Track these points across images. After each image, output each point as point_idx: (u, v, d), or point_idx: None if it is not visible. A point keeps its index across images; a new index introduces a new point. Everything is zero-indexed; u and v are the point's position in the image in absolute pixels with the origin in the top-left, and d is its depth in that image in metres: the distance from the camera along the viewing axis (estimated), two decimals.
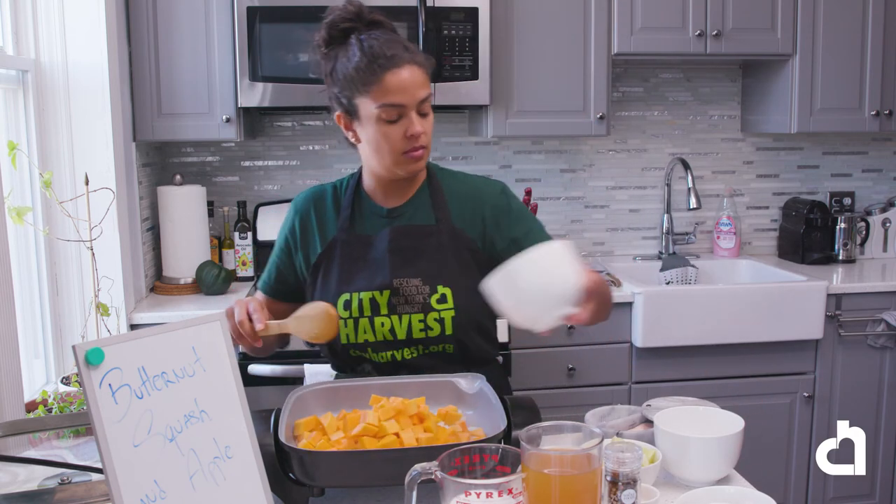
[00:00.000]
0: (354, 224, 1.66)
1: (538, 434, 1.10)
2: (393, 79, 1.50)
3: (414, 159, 1.56)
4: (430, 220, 1.64)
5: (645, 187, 3.39)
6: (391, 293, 1.58)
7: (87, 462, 1.32)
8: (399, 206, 1.65)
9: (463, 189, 1.67)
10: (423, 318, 1.58)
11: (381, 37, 1.53)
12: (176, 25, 2.72)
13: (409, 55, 1.52)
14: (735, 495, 1.17)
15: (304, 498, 1.28)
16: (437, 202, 1.65)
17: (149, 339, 1.01)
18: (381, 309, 1.59)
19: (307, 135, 3.21)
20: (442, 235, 1.62)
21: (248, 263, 3.05)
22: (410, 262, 1.60)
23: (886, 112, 3.07)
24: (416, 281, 1.59)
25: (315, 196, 1.71)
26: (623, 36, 2.91)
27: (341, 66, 1.54)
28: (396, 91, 1.50)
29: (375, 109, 1.52)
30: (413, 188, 1.66)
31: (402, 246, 1.61)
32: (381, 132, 1.53)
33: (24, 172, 2.31)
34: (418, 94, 1.52)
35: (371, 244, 1.63)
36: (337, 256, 1.64)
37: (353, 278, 1.61)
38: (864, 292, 2.89)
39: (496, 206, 1.65)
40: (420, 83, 1.52)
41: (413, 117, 1.52)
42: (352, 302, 1.59)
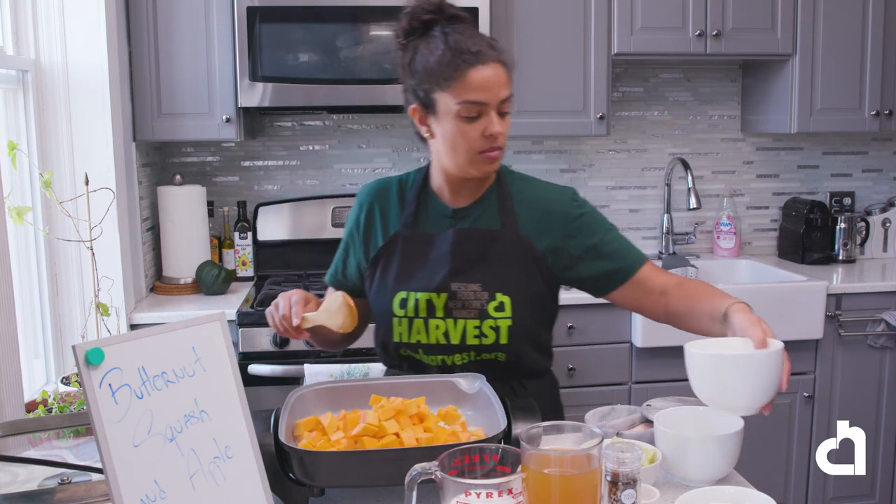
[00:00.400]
0: (418, 221, 1.62)
1: (538, 434, 1.10)
2: (476, 76, 1.46)
3: (489, 160, 1.52)
4: (496, 224, 1.60)
5: (645, 187, 3.39)
6: (448, 296, 1.56)
7: (87, 462, 1.32)
8: (465, 207, 1.61)
9: (532, 195, 1.63)
10: (478, 324, 1.55)
11: (465, 31, 1.49)
12: (176, 25, 2.72)
13: (494, 53, 1.48)
14: (735, 495, 1.17)
15: (304, 498, 1.28)
16: (504, 206, 1.60)
17: (149, 339, 1.01)
18: (437, 311, 1.56)
19: (307, 135, 3.21)
20: (506, 242, 1.58)
21: (248, 263, 3.05)
22: (471, 266, 1.56)
23: (886, 112, 3.07)
24: (474, 286, 1.55)
25: (380, 189, 1.67)
26: (623, 36, 2.91)
27: (422, 58, 1.50)
28: (479, 88, 1.46)
29: (455, 106, 1.47)
30: (481, 189, 1.62)
31: (465, 249, 1.57)
32: (458, 129, 1.49)
33: (24, 172, 2.31)
34: (500, 94, 1.48)
35: (433, 243, 1.59)
36: (397, 252, 1.61)
37: (412, 277, 1.58)
38: (864, 292, 2.89)
39: (567, 213, 1.60)
40: (502, 82, 1.49)
41: (493, 116, 1.48)
42: (408, 301, 1.57)
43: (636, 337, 2.75)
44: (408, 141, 3.24)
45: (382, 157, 3.25)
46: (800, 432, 2.90)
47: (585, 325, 2.75)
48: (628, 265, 1.59)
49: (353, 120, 3.21)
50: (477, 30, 1.55)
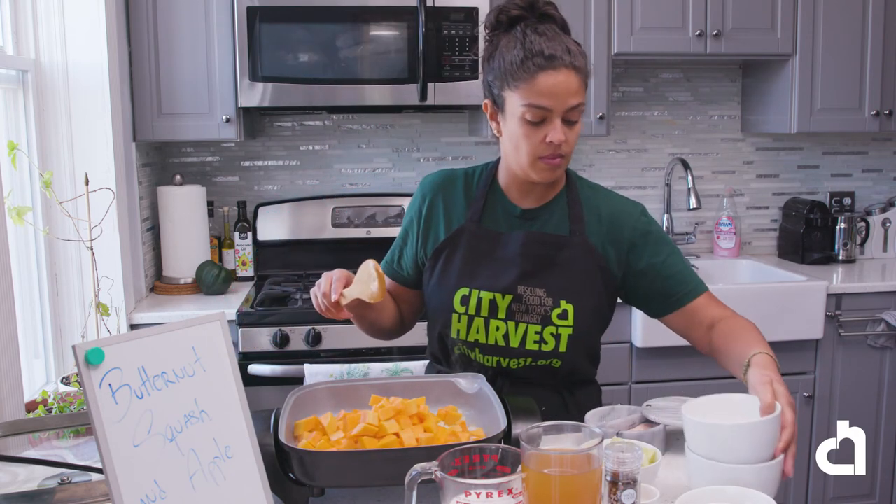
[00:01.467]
0: (485, 217, 1.60)
1: (538, 434, 1.10)
2: (545, 80, 1.43)
3: (550, 167, 1.50)
4: (565, 230, 1.58)
5: (645, 187, 3.39)
6: (513, 299, 1.54)
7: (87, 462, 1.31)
8: (535, 209, 1.59)
9: (603, 205, 1.60)
10: (539, 330, 1.54)
11: (546, 33, 1.46)
12: (176, 25, 2.72)
13: (568, 58, 1.44)
14: (735, 495, 1.16)
15: (304, 498, 1.28)
16: (573, 213, 1.58)
17: (149, 339, 1.01)
18: (500, 313, 1.55)
19: (307, 135, 3.21)
20: (575, 249, 1.56)
21: (248, 263, 3.05)
22: (539, 270, 1.55)
23: (886, 112, 3.07)
24: (540, 291, 1.54)
25: (445, 180, 1.65)
26: (623, 36, 2.91)
27: (499, 54, 1.48)
28: (546, 93, 1.44)
29: (521, 107, 1.46)
30: (551, 193, 1.60)
31: (534, 253, 1.56)
32: (522, 131, 1.47)
33: (24, 172, 2.31)
34: (568, 101, 1.45)
35: (500, 242, 1.58)
36: (462, 247, 1.59)
37: (476, 274, 1.57)
38: (864, 292, 2.89)
39: (636, 228, 1.58)
40: (573, 90, 1.45)
41: (557, 124, 1.45)
42: (470, 298, 1.56)
43: (636, 337, 2.75)
44: (408, 141, 3.24)
45: (382, 157, 3.24)
46: (800, 432, 2.88)
47: None
48: (685, 293, 1.58)
49: (353, 120, 3.21)
50: (564, 31, 1.51)
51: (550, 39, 1.45)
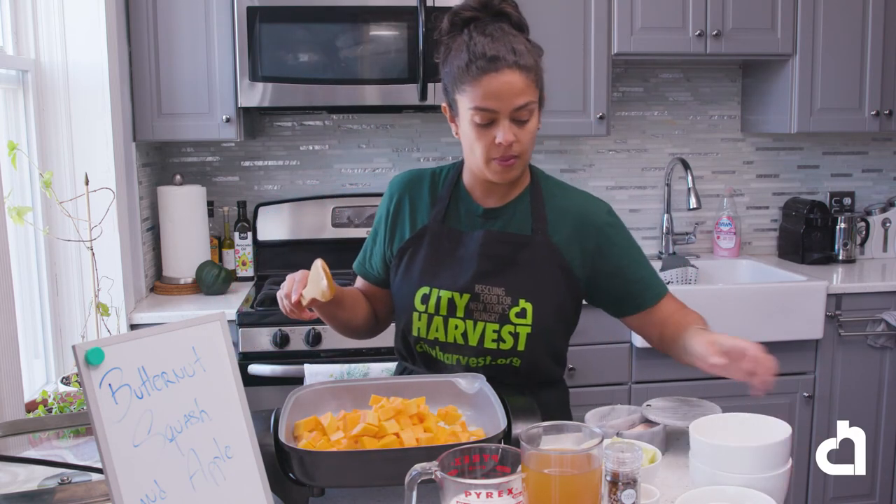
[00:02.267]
0: (448, 217, 1.61)
1: (538, 434, 1.10)
2: (489, 82, 1.43)
3: (503, 168, 1.49)
4: (527, 229, 1.58)
5: (645, 187, 3.39)
6: (471, 298, 1.55)
7: (87, 462, 1.31)
8: (497, 208, 1.60)
9: (567, 204, 1.60)
10: (497, 328, 1.54)
11: (493, 33, 1.46)
12: (176, 25, 2.72)
13: (512, 58, 1.43)
14: (735, 495, 1.16)
15: (304, 498, 1.28)
16: (536, 212, 1.58)
17: (149, 339, 1.01)
18: (458, 311, 1.55)
19: (307, 135, 3.21)
20: (536, 248, 1.56)
21: (248, 263, 3.05)
22: (498, 269, 1.55)
23: (886, 112, 3.07)
24: (498, 290, 1.54)
25: (412, 179, 1.66)
26: (623, 36, 2.91)
27: (450, 58, 1.49)
28: (490, 95, 1.43)
29: (469, 110, 1.46)
30: (514, 192, 1.60)
31: (493, 252, 1.56)
32: (473, 134, 1.48)
33: (24, 172, 2.31)
34: (514, 102, 1.44)
35: (461, 241, 1.58)
36: (425, 246, 1.60)
37: (437, 273, 1.57)
38: (864, 292, 2.89)
39: (602, 229, 1.59)
40: (518, 90, 1.44)
41: (504, 125, 1.45)
42: (430, 297, 1.56)
43: (636, 337, 2.75)
44: (408, 141, 3.24)
45: (382, 157, 3.24)
46: (800, 432, 2.90)
47: (585, 325, 2.71)
48: (650, 297, 1.60)
49: (353, 120, 3.21)
50: (519, 29, 1.51)
51: (495, 40, 1.45)
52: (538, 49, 1.53)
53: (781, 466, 1.22)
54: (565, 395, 1.72)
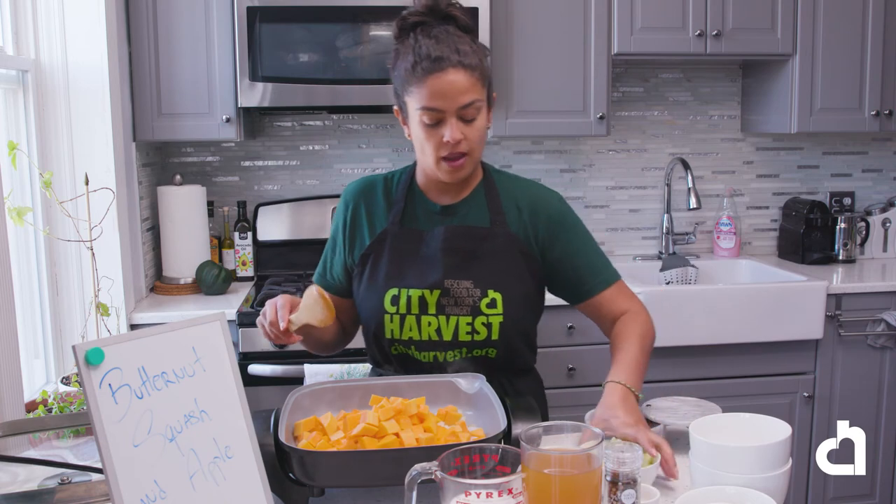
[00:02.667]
0: (406, 218, 1.63)
1: (538, 434, 1.10)
2: (434, 83, 1.47)
3: (453, 167, 1.53)
4: (485, 221, 1.61)
5: (645, 187, 3.39)
6: (441, 293, 1.56)
7: (87, 462, 1.31)
8: (453, 205, 1.63)
9: (520, 194, 1.64)
10: (470, 321, 1.56)
11: (438, 35, 1.49)
12: (176, 25, 2.72)
13: (456, 58, 1.47)
14: (735, 495, 1.16)
15: (304, 498, 1.28)
16: (492, 204, 1.62)
17: (149, 339, 1.01)
18: (430, 308, 1.57)
19: (307, 135, 3.21)
20: (497, 239, 1.59)
21: (248, 263, 3.05)
22: (464, 263, 1.58)
23: (886, 112, 3.07)
24: (467, 283, 1.57)
25: (365, 186, 1.68)
26: (623, 36, 2.91)
27: (398, 62, 1.53)
28: (435, 96, 1.47)
29: (417, 111, 1.51)
30: (468, 187, 1.64)
31: (456, 246, 1.58)
32: (422, 134, 1.53)
33: (24, 172, 2.31)
34: (459, 100, 1.48)
35: (423, 240, 1.61)
36: (387, 249, 1.61)
37: (404, 274, 1.59)
38: (864, 292, 2.89)
39: (552, 216, 1.62)
40: (463, 89, 1.48)
41: (452, 123, 1.49)
42: (400, 298, 1.58)
43: None
44: (408, 141, 3.23)
45: (382, 157, 3.24)
46: (800, 432, 2.90)
47: (585, 325, 2.73)
48: (595, 283, 1.64)
49: (353, 120, 3.21)
50: (466, 31, 1.54)
51: (440, 42, 1.49)
52: (484, 49, 1.57)
53: (781, 466, 1.22)
54: (540, 385, 1.76)
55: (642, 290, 2.72)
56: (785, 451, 1.22)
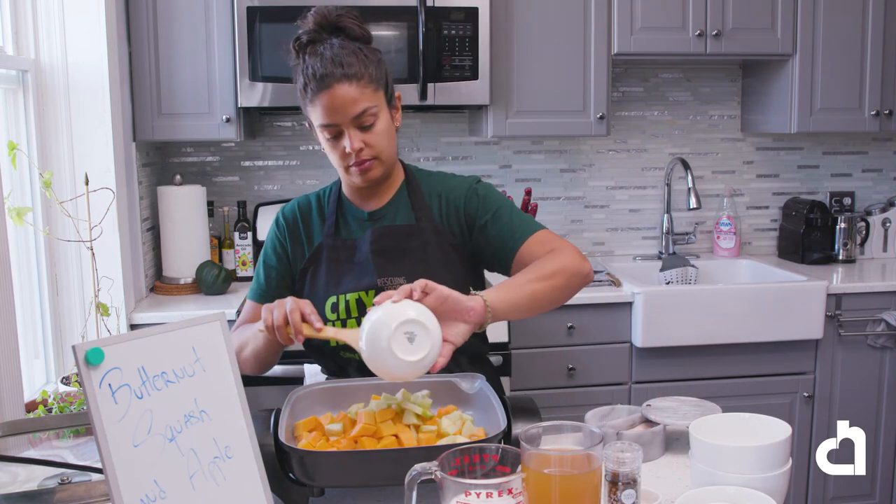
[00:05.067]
0: (339, 229, 1.68)
1: (538, 434, 1.10)
2: (324, 99, 1.51)
3: (361, 171, 1.57)
4: (411, 219, 1.66)
5: (645, 187, 3.39)
6: (377, 293, 1.57)
7: (87, 462, 1.31)
8: (380, 209, 1.67)
9: (440, 187, 1.68)
10: None
11: (323, 52, 1.52)
12: (176, 25, 2.72)
13: (340, 71, 1.50)
14: (735, 495, 1.17)
15: (304, 498, 1.28)
16: (416, 202, 1.66)
17: (149, 339, 1.01)
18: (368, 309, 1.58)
19: (307, 135, 3.21)
20: (424, 234, 1.63)
21: (248, 263, 3.05)
22: (394, 261, 1.61)
23: (886, 112, 3.07)
24: (400, 280, 1.59)
25: (300, 206, 1.73)
26: (623, 36, 2.91)
27: (296, 83, 1.58)
28: (327, 112, 1.52)
29: (317, 128, 1.57)
30: (391, 191, 1.68)
31: (385, 247, 1.62)
32: (328, 147, 1.58)
33: (24, 172, 2.31)
34: (351, 111, 1.52)
35: (355, 247, 1.65)
36: (323, 261, 1.66)
37: (340, 281, 1.63)
38: (864, 292, 2.89)
39: (466, 195, 1.65)
40: (351, 100, 1.51)
41: (350, 134, 1.53)
42: (339, 304, 1.61)
43: (636, 337, 2.75)
44: (408, 141, 3.24)
45: None
46: (800, 432, 2.90)
47: (585, 325, 2.75)
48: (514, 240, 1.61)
49: None
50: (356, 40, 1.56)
51: (324, 59, 1.52)
52: (374, 52, 1.58)
53: (781, 466, 1.22)
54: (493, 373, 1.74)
55: (642, 290, 2.73)
56: (785, 451, 1.22)
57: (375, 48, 1.60)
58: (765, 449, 1.21)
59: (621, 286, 2.81)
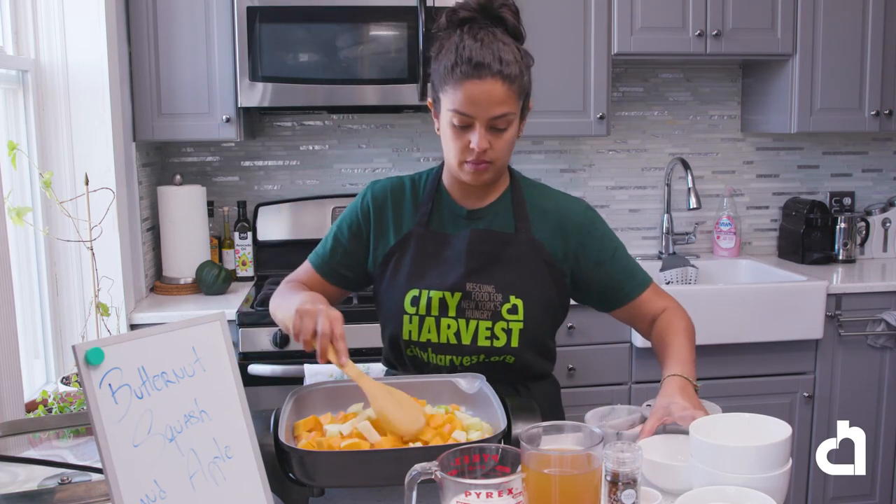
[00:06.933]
0: (432, 220, 1.62)
1: (538, 434, 1.10)
2: (470, 88, 1.45)
3: (475, 171, 1.52)
4: (510, 227, 1.60)
5: (645, 187, 3.39)
6: (462, 296, 1.55)
7: (87, 462, 1.31)
8: (479, 209, 1.62)
9: (546, 203, 1.63)
10: (490, 325, 1.55)
11: (484, 38, 1.47)
12: (176, 25, 2.72)
13: (497, 67, 1.45)
14: (735, 495, 1.16)
15: (304, 498, 1.28)
16: (518, 211, 1.61)
17: (149, 339, 1.01)
18: (450, 311, 1.56)
19: (307, 135, 3.21)
20: (521, 245, 1.58)
21: (248, 263, 3.05)
22: (486, 267, 1.57)
23: (886, 112, 3.07)
24: (489, 287, 1.55)
25: (393, 187, 1.66)
26: (623, 36, 2.91)
27: (440, 57, 1.51)
28: (469, 102, 1.45)
29: (448, 111, 1.49)
30: (495, 193, 1.62)
31: (480, 250, 1.57)
32: (449, 133, 1.51)
33: (24, 172, 2.31)
34: (492, 111, 1.46)
35: (447, 243, 1.59)
36: (410, 250, 1.60)
37: (425, 275, 1.58)
38: (864, 292, 2.89)
39: (582, 224, 1.61)
40: (498, 100, 1.46)
41: (480, 131, 1.47)
42: (420, 299, 1.56)
43: (636, 337, 2.75)
44: (408, 141, 3.24)
45: (382, 157, 3.24)
46: (800, 432, 2.90)
47: (585, 325, 2.75)
48: (632, 287, 1.63)
49: (353, 120, 3.21)
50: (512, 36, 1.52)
51: (484, 46, 1.46)
52: (528, 58, 1.55)
53: (781, 466, 1.22)
54: (556, 390, 1.73)
55: None
56: (785, 451, 1.22)
57: (530, 53, 1.56)
58: (765, 449, 1.21)
59: None
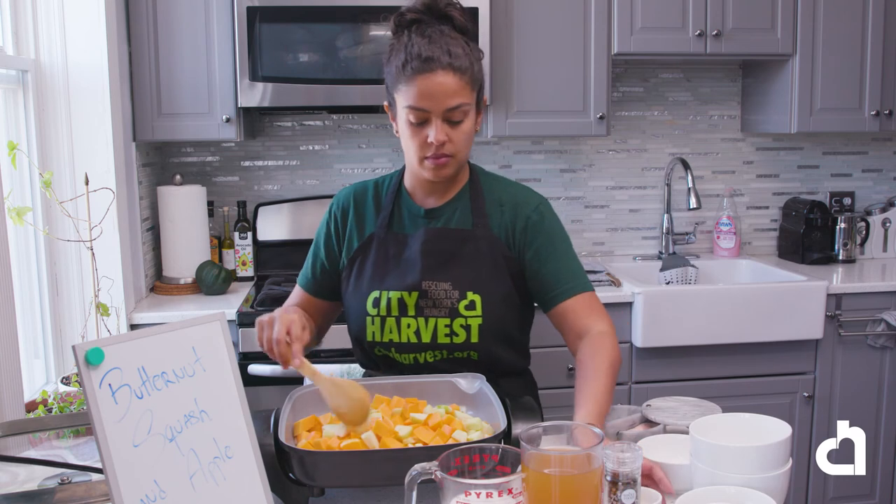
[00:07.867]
0: (393, 222, 1.65)
1: (538, 434, 1.10)
2: (422, 83, 1.47)
3: (436, 166, 1.53)
4: (468, 224, 1.62)
5: (645, 187, 3.39)
6: (419, 295, 1.57)
7: (87, 462, 1.31)
8: (438, 208, 1.63)
9: (504, 196, 1.64)
10: (449, 322, 1.57)
11: (432, 35, 1.49)
12: (176, 25, 2.72)
13: (447, 59, 1.47)
14: (735, 495, 1.16)
15: (304, 498, 1.28)
16: (476, 207, 1.62)
17: (149, 339, 1.01)
18: (409, 310, 1.58)
19: (307, 135, 3.21)
20: (478, 241, 1.60)
21: (248, 263, 3.05)
22: (442, 265, 1.58)
23: (886, 112, 3.07)
24: (445, 285, 1.57)
25: (356, 192, 1.69)
26: (623, 36, 2.91)
27: (391, 58, 1.53)
28: (422, 96, 1.48)
29: (404, 109, 1.51)
30: (453, 190, 1.64)
31: (436, 248, 1.59)
32: (407, 132, 1.53)
33: (24, 172, 2.31)
34: (446, 103, 1.48)
35: (406, 243, 1.62)
36: (372, 253, 1.63)
37: (385, 276, 1.60)
38: (864, 292, 2.89)
39: (529, 217, 1.61)
40: (450, 91, 1.48)
41: (437, 125, 1.49)
42: (381, 300, 1.59)
43: (636, 337, 2.75)
44: None
45: (382, 157, 3.24)
46: (800, 432, 2.90)
47: None
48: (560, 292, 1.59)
49: (353, 120, 3.21)
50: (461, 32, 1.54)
51: (432, 42, 1.48)
52: (478, 52, 1.56)
53: (781, 466, 1.22)
54: (532, 387, 1.74)
55: (642, 290, 2.73)
56: (785, 451, 1.22)
57: (479, 47, 1.57)
58: (765, 449, 1.21)
59: (621, 286, 2.81)
